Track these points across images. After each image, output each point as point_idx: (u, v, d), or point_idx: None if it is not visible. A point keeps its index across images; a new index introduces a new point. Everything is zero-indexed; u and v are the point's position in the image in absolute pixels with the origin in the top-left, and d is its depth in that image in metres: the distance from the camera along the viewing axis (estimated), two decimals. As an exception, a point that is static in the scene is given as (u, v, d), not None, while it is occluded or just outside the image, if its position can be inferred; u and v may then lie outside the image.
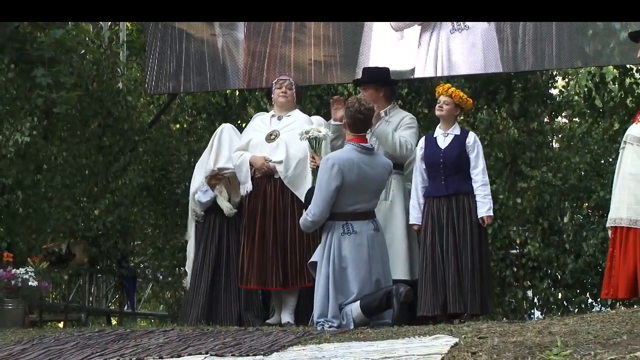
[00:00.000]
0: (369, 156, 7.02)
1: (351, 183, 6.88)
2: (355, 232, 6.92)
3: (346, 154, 6.98)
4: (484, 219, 7.56)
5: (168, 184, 12.50)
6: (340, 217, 6.94)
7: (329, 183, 6.85)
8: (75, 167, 11.56)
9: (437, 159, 7.73)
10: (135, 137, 12.16)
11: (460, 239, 7.52)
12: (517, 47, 10.16)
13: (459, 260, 7.48)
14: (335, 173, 6.85)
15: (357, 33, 10.75)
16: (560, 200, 11.58)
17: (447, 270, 7.48)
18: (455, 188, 7.64)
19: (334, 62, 10.87)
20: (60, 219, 11.21)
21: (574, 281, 11.43)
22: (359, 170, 6.92)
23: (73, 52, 10.85)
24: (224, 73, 11.31)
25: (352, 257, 6.88)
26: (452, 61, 10.37)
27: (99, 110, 11.66)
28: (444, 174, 7.68)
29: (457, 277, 7.44)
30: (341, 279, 6.88)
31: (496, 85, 12.03)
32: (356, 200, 6.94)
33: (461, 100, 7.79)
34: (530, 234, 11.60)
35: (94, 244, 12.26)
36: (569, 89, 13.26)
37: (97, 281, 13.94)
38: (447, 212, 7.60)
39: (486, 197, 7.60)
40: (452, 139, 7.75)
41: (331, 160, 6.91)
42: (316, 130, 7.43)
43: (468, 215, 7.55)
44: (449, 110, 7.83)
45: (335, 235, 6.92)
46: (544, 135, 12.21)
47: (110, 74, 11.93)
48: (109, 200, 11.64)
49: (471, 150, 7.67)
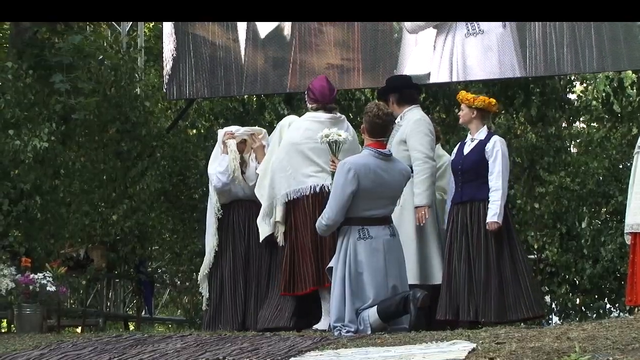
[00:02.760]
0: (386, 162, 6.99)
1: (367, 188, 6.85)
2: (372, 237, 6.89)
3: (363, 159, 6.95)
4: (489, 225, 7.52)
5: (186, 189, 12.50)
6: (356, 221, 6.91)
7: (344, 187, 6.83)
8: (93, 172, 11.57)
9: (457, 164, 7.70)
10: (152, 142, 12.15)
11: (473, 247, 7.50)
12: (533, 51, 10.09)
13: (472, 267, 7.46)
14: (351, 178, 6.82)
15: (375, 37, 10.73)
16: (579, 205, 11.67)
17: (460, 277, 7.47)
18: (470, 195, 7.56)
19: (352, 67, 10.85)
20: (79, 224, 11.23)
21: (592, 286, 11.54)
22: (375, 176, 6.89)
23: (91, 58, 10.92)
24: (242, 78, 11.31)
25: (367, 262, 6.85)
26: (467, 65, 10.32)
27: (116, 115, 11.65)
28: (461, 180, 7.64)
29: (470, 283, 7.43)
30: (357, 284, 6.86)
31: (514, 90, 12.04)
32: (372, 205, 6.91)
33: (469, 102, 7.72)
34: (548, 239, 11.67)
35: (112, 249, 12.26)
36: (587, 93, 13.21)
37: (114, 286, 13.93)
38: (461, 219, 7.57)
39: (494, 203, 7.43)
40: (476, 145, 7.69)
41: (347, 165, 6.89)
42: (336, 134, 7.42)
43: (483, 222, 7.51)
44: (465, 115, 7.77)
45: (351, 240, 6.89)
46: (562, 140, 12.23)
47: (128, 79, 11.91)
48: (126, 205, 11.65)
49: (490, 155, 7.56)
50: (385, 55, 10.72)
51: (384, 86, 8.35)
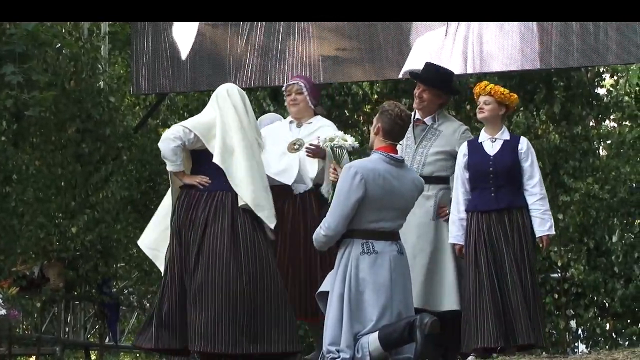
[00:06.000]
0: (397, 169, 6.90)
1: (375, 197, 6.77)
2: (376, 252, 6.80)
3: (372, 163, 6.87)
4: (543, 239, 7.44)
5: (156, 198, 12.36)
6: (359, 234, 6.81)
7: (349, 194, 6.75)
8: (49, 178, 11.60)
9: (486, 166, 7.58)
10: (118, 143, 12.15)
11: (515, 261, 7.39)
12: (560, 40, 9.94)
13: (516, 285, 7.35)
14: (357, 183, 6.74)
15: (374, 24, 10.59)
16: (609, 216, 11.73)
17: (503, 297, 7.36)
18: (508, 201, 7.49)
19: (348, 57, 10.73)
20: (32, 237, 11.21)
21: (624, 310, 11.60)
22: (385, 183, 6.81)
23: (47, 46, 10.80)
24: (221, 70, 11.19)
25: (371, 279, 6.77)
26: (484, 54, 10.18)
27: (77, 112, 11.65)
28: (494, 184, 7.52)
29: (514, 304, 7.32)
30: (357, 305, 6.79)
31: (534, 83, 12.02)
32: (379, 217, 6.83)
33: (503, 97, 7.66)
34: (573, 255, 11.73)
35: (71, 266, 12.22)
36: (617, 88, 13.21)
37: (74, 309, 13.85)
38: (499, 229, 7.47)
39: (546, 213, 7.47)
40: (502, 145, 7.61)
41: (354, 169, 6.80)
42: (342, 139, 7.39)
43: (523, 233, 7.42)
44: (492, 110, 7.68)
45: (353, 254, 6.81)
46: (590, 142, 12.26)
47: (90, 71, 11.96)
48: (88, 216, 11.61)
49: (525, 158, 7.53)
50: (388, 43, 10.57)
51: (445, 77, 8.20)
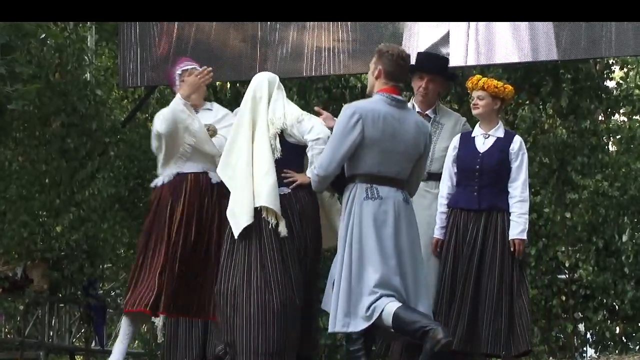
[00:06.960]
0: (400, 110, 6.84)
1: (374, 139, 6.69)
2: (381, 198, 6.74)
3: (372, 104, 6.79)
4: (515, 243, 7.35)
5: (144, 195, 12.39)
6: (362, 179, 6.76)
7: (343, 134, 6.67)
8: (33, 174, 11.65)
9: (473, 163, 7.51)
10: (105, 138, 12.24)
11: (489, 264, 7.36)
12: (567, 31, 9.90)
13: (484, 289, 7.33)
14: (353, 124, 6.65)
15: (373, 15, 10.60)
16: (618, 214, 11.68)
17: (473, 300, 7.34)
18: (489, 202, 7.42)
19: (346, 48, 10.72)
20: (15, 237, 11.25)
21: (634, 312, 11.49)
22: (385, 125, 6.73)
23: (31, 37, 10.79)
24: (213, 62, 11.11)
25: (375, 226, 6.69)
26: (489, 45, 10.13)
27: (62, 106, 11.77)
28: (478, 182, 7.47)
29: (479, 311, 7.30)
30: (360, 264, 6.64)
31: (540, 76, 11.99)
32: (382, 160, 6.76)
33: (497, 90, 7.59)
34: (582, 255, 11.71)
35: (56, 267, 12.31)
36: (628, 80, 13.18)
37: (58, 312, 13.93)
38: (477, 230, 7.43)
39: (522, 217, 7.36)
40: (494, 142, 7.56)
41: (352, 109, 6.73)
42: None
43: (501, 236, 7.37)
44: (486, 105, 7.60)
45: (357, 199, 6.75)
46: (598, 137, 12.26)
47: (75, 62, 12.05)
48: (73, 214, 11.71)
49: (514, 158, 7.46)
50: (387, 32, 10.56)
51: (445, 62, 8.21)
